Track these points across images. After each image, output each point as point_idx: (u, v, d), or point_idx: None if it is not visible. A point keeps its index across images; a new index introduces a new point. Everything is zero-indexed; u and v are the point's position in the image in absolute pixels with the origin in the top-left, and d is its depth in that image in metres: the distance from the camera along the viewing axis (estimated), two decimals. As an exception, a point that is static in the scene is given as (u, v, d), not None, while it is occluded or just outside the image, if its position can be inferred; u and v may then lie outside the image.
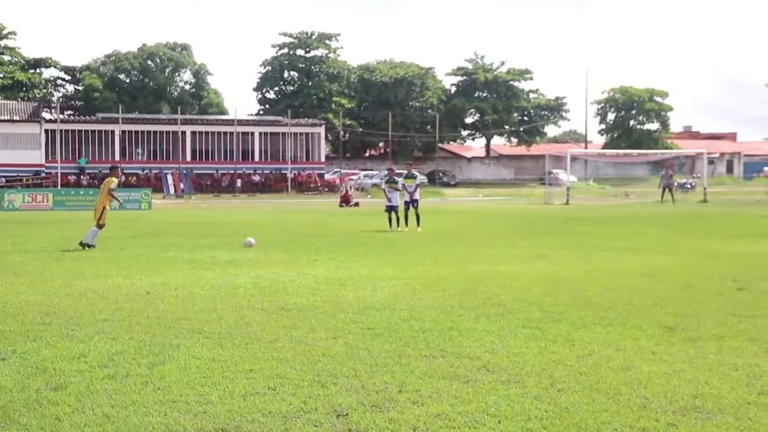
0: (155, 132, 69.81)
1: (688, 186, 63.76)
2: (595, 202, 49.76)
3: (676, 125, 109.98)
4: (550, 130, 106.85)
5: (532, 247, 18.42)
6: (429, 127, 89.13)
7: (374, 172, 75.32)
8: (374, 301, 10.61)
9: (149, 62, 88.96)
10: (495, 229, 24.71)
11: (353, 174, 73.53)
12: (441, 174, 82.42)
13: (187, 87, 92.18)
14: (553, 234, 22.84)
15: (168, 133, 69.71)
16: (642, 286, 11.93)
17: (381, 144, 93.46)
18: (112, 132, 68.24)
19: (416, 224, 24.29)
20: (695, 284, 12.08)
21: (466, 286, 11.98)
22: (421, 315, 9.61)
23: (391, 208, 24.64)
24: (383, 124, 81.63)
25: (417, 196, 24.79)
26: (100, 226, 18.62)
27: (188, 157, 69.57)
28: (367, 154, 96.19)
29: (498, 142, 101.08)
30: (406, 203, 24.57)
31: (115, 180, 19.16)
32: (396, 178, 26.35)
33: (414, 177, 25.21)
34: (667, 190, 46.66)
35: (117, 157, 66.62)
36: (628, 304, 10.35)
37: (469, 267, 14.52)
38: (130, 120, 70.30)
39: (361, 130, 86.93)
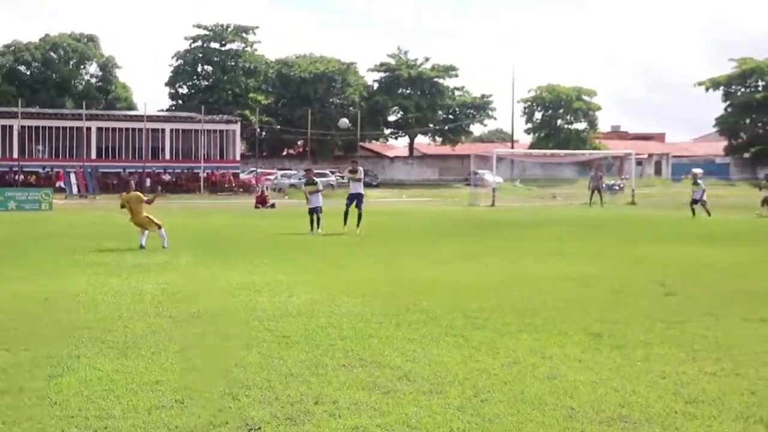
0: (58, 128, 68.16)
1: (617, 188, 65.00)
2: (521, 204, 50.45)
3: (604, 125, 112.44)
4: (476, 129, 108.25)
5: (456, 251, 18.54)
6: (350, 125, 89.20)
7: (292, 172, 74.99)
8: (290, 308, 10.52)
9: (52, 54, 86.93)
10: (418, 232, 24.82)
11: (270, 174, 73.07)
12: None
13: (94, 80, 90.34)
14: (479, 237, 23.05)
15: (72, 128, 68.14)
16: (568, 292, 12.10)
17: (300, 142, 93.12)
18: (11, 127, 66.38)
19: (356, 224, 24.26)
20: (622, 289, 12.31)
21: (388, 291, 11.98)
22: (340, 322, 9.56)
23: (313, 210, 24.61)
24: (302, 122, 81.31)
25: (361, 190, 24.80)
26: (160, 227, 19.55)
27: (93, 155, 68.12)
28: (284, 153, 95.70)
29: (422, 141, 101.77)
30: (352, 198, 24.51)
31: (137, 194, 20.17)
32: (315, 178, 26.29)
33: (355, 171, 25.16)
34: (596, 192, 47.49)
35: (15, 155, 64.89)
36: (554, 309, 10.47)
37: (391, 271, 14.53)
38: (30, 114, 68.50)
39: (278, 127, 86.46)
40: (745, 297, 11.56)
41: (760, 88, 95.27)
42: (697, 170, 37.56)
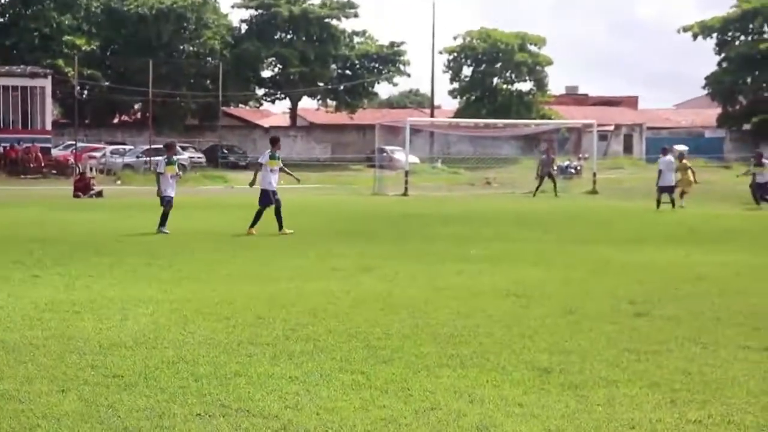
0: None
1: (572, 170, 65.83)
2: (444, 193, 50.88)
3: (556, 85, 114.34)
4: (383, 90, 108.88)
5: (355, 257, 18.62)
6: (209, 82, 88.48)
7: (128, 147, 74.08)
8: (124, 336, 10.43)
9: None
10: (303, 231, 24.82)
11: (95, 149, 72.01)
12: (226, 151, 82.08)
13: None
14: (386, 238, 23.16)
15: None
16: (507, 311, 12.28)
17: (137, 106, 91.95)
18: None
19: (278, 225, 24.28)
20: (579, 308, 12.55)
21: (261, 312, 11.98)
22: (194, 355, 9.53)
23: (169, 200, 24.40)
24: (141, 78, 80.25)
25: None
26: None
27: None
28: (116, 121, 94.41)
29: (309, 105, 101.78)
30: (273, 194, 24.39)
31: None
32: (175, 157, 26.00)
33: (277, 158, 25.02)
34: (545, 179, 48.14)
35: None
36: (488, 336, 10.63)
37: (265, 285, 14.52)
38: None
39: (107, 84, 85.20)
40: (741, 319, 11.90)
41: (766, 36, 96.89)
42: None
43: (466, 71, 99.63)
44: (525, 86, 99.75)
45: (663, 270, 16.85)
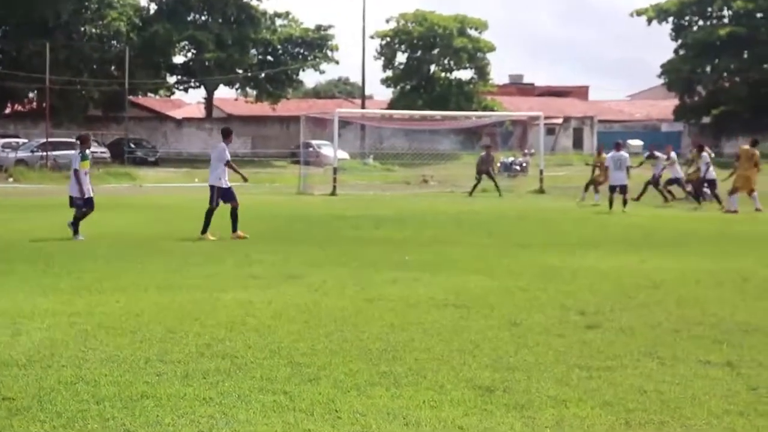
0: None
1: (517, 168, 66.19)
2: (377, 192, 50.90)
3: (499, 74, 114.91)
4: (308, 78, 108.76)
5: (278, 263, 18.60)
6: (113, 68, 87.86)
7: (21, 141, 73.34)
8: (16, 354, 10.32)
9: None
10: (221, 236, 24.71)
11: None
12: (133, 145, 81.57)
13: None
14: (312, 242, 23.13)
15: None
16: (446, 324, 12.30)
17: (33, 95, 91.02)
18: None
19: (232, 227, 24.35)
20: (524, 320, 12.60)
21: (171, 325, 11.91)
22: (96, 374, 9.44)
23: (87, 202, 23.94)
24: (36, 63, 79.53)
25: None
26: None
27: None
28: (8, 111, 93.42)
29: (226, 95, 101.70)
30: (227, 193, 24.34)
31: None
32: (88, 152, 25.37)
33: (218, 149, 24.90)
34: (484, 178, 48.34)
35: None
36: (425, 351, 10.63)
37: (176, 295, 14.45)
38: None
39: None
40: (701, 330, 12.01)
41: (725, 20, 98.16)
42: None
43: (401, 58, 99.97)
44: (465, 74, 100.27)
45: (616, 277, 16.97)
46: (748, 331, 11.94)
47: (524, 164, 67.35)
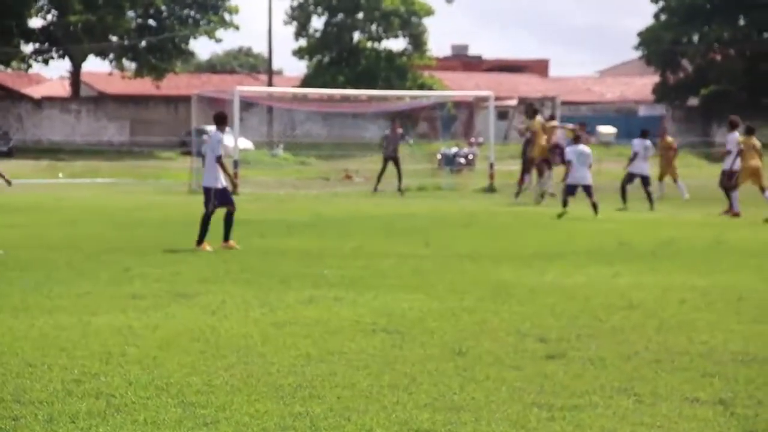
0: None
1: (462, 160, 66.23)
2: (288, 191, 50.87)
3: (440, 45, 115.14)
4: (202, 48, 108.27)
5: (165, 279, 18.60)
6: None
7: None
8: None
9: None
10: (92, 245, 24.64)
11: None
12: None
13: None
14: (208, 253, 23.11)
15: None
16: (375, 354, 12.37)
17: None
18: None
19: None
20: (471, 348, 12.68)
21: (30, 358, 11.89)
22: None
23: None
24: None
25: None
26: None
27: None
28: None
29: (97, 68, 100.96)
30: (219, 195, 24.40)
31: None
32: None
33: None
34: (390, 164, 48.46)
35: None
36: (349, 388, 10.68)
37: (36, 319, 14.41)
38: None
39: None
40: (686, 361, 12.15)
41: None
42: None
43: (317, 23, 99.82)
44: (397, 45, 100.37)
45: (583, 296, 17.10)
46: (744, 362, 12.07)
47: (470, 156, 67.41)
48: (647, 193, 38.28)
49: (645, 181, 38.66)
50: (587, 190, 35.12)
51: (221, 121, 25.26)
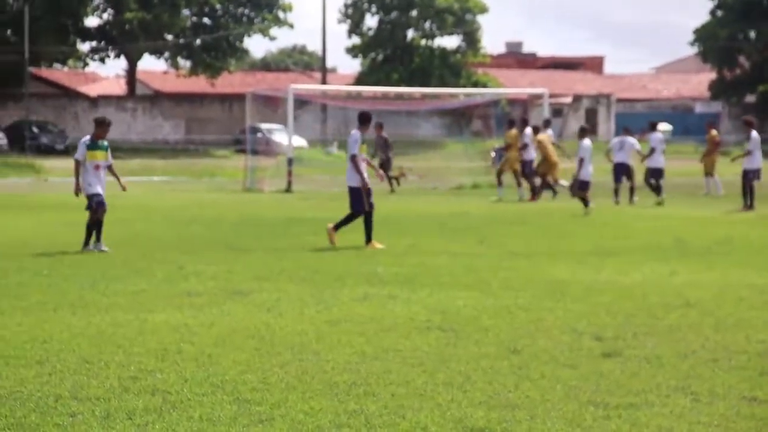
0: None
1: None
2: (342, 189, 50.86)
3: (493, 42, 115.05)
4: (256, 46, 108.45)
5: (220, 277, 18.64)
6: (10, 33, 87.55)
7: None
8: None
9: None
10: (147, 243, 24.73)
11: None
12: (36, 129, 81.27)
13: None
14: (263, 250, 23.14)
15: None
16: (429, 351, 12.36)
17: None
18: None
19: None
20: (526, 346, 12.66)
21: (88, 354, 11.95)
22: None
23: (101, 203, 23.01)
24: None
25: None
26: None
27: None
28: None
29: (152, 67, 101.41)
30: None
31: None
32: (104, 141, 24.08)
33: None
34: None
35: None
36: (403, 385, 10.68)
37: (93, 317, 14.48)
38: None
39: None
40: (744, 360, 12.09)
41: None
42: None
43: (370, 21, 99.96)
44: (451, 42, 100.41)
45: (640, 294, 17.02)
46: (802, 361, 12.02)
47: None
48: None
49: (654, 174, 39.84)
50: (583, 186, 35.17)
51: (364, 120, 25.27)
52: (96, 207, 23.29)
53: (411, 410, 9.77)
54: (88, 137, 23.91)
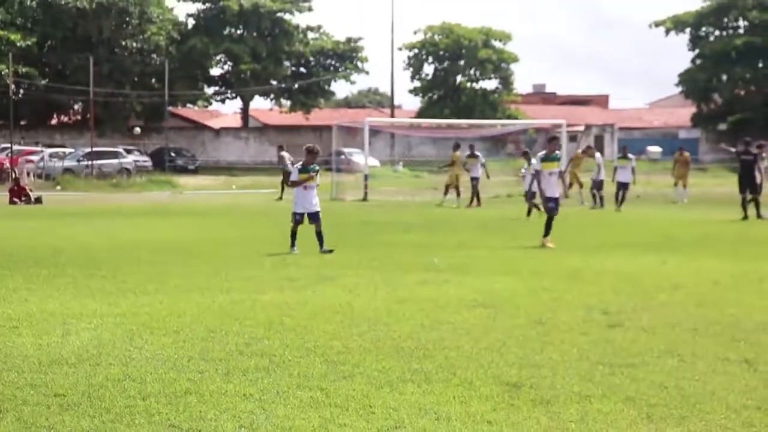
0: None
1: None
2: (406, 198, 50.90)
3: (523, 83, 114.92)
4: (340, 89, 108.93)
5: (313, 266, 18.62)
6: (154, 80, 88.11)
7: (68, 150, 73.54)
8: (66, 353, 10.38)
9: None
10: (256, 240, 24.78)
11: (32, 153, 71.48)
12: (173, 154, 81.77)
13: None
14: (345, 246, 23.13)
15: None
16: (474, 323, 12.33)
17: (78, 106, 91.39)
18: None
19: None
20: (549, 319, 12.62)
21: (212, 325, 11.97)
22: (141, 372, 9.51)
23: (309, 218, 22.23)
24: (81, 76, 79.80)
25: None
26: None
27: None
28: (54, 122, 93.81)
29: (261, 105, 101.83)
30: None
31: None
32: (316, 166, 23.33)
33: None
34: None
35: None
36: (454, 349, 10.66)
37: (216, 297, 14.50)
38: None
39: (45, 83, 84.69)
40: (719, 329, 12.02)
41: (741, 30, 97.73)
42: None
43: (428, 69, 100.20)
44: (490, 84, 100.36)
45: (637, 278, 16.95)
46: (765, 330, 11.94)
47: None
48: (618, 197, 39.56)
49: (623, 186, 39.80)
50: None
51: (551, 140, 25.42)
52: (293, 222, 22.40)
53: (460, 369, 9.75)
54: (300, 163, 23.38)
